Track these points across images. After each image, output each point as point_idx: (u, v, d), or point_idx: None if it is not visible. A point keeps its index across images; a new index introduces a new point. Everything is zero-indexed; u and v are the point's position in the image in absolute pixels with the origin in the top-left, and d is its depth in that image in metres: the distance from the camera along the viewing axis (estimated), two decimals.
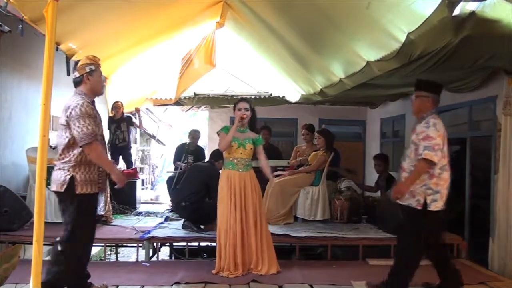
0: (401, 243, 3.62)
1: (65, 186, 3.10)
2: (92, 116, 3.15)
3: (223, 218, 4.03)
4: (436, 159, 3.29)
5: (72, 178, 3.10)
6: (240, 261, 3.98)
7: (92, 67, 3.27)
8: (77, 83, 3.29)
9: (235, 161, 4.11)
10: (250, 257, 4.04)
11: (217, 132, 4.26)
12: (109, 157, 7.40)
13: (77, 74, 3.30)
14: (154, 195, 11.87)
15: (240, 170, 4.09)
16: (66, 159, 3.15)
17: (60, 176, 3.14)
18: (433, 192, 3.35)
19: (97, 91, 3.36)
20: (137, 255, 4.99)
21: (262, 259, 4.04)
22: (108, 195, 5.68)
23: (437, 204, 3.36)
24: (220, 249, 4.03)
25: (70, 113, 3.09)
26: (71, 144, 3.14)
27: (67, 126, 3.14)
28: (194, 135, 7.47)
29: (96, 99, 3.41)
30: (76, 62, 4.38)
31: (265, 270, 4.00)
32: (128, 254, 7.56)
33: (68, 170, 3.12)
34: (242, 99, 4.40)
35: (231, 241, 3.97)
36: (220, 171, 5.42)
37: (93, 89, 3.30)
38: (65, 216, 3.20)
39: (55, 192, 3.19)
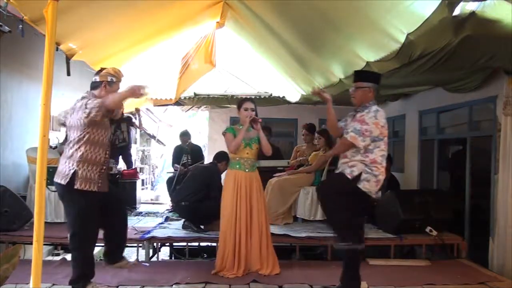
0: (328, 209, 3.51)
1: (67, 180, 3.25)
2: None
3: (227, 217, 4.04)
4: (360, 143, 3.24)
5: (75, 173, 3.25)
6: (244, 261, 3.98)
7: (114, 79, 3.45)
8: (94, 87, 3.44)
9: (242, 161, 4.12)
10: (253, 258, 4.03)
11: (223, 133, 4.25)
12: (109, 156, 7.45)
13: (97, 79, 3.44)
14: (154, 195, 11.87)
15: (247, 170, 4.11)
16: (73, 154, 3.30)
17: (65, 169, 3.29)
18: (369, 173, 3.27)
19: None
20: (137, 255, 4.99)
21: (267, 260, 4.04)
22: None
23: (367, 185, 3.27)
24: (224, 249, 4.03)
25: (86, 106, 3.23)
26: (82, 141, 3.29)
27: (82, 125, 3.27)
28: (182, 139, 7.47)
29: None
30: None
31: (268, 270, 4.00)
32: (128, 254, 7.50)
33: (73, 165, 3.27)
34: (247, 99, 4.38)
35: (235, 241, 3.97)
36: (222, 172, 5.44)
37: None
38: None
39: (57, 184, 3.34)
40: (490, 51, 3.66)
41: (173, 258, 5.66)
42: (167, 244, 5.42)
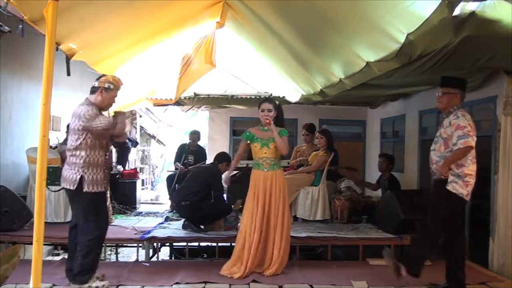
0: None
1: (76, 185, 3.45)
2: (99, 114, 3.56)
3: (246, 218, 4.07)
4: (473, 143, 3.39)
5: (82, 178, 3.45)
6: (251, 262, 3.97)
7: (111, 86, 3.62)
8: (92, 91, 3.64)
9: (261, 161, 4.16)
10: (262, 259, 4.04)
11: (241, 136, 4.37)
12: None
13: (96, 84, 3.64)
14: (154, 195, 11.88)
15: (265, 170, 4.13)
16: (76, 161, 3.48)
17: (71, 175, 3.47)
18: (455, 175, 3.48)
19: (103, 107, 3.68)
20: (137, 255, 5.00)
21: (272, 262, 4.03)
22: (108, 195, 5.69)
23: (457, 187, 3.49)
24: (240, 250, 4.03)
25: (83, 121, 3.43)
26: (81, 147, 3.47)
27: (80, 131, 3.46)
28: (191, 137, 7.54)
29: None
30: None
31: (271, 271, 4.00)
32: (128, 254, 7.56)
33: (78, 170, 3.45)
34: (266, 100, 4.41)
35: (251, 242, 3.98)
36: (222, 173, 5.45)
37: (102, 103, 3.63)
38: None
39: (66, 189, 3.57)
40: (490, 51, 3.66)
41: (173, 258, 5.67)
42: (167, 244, 5.42)
